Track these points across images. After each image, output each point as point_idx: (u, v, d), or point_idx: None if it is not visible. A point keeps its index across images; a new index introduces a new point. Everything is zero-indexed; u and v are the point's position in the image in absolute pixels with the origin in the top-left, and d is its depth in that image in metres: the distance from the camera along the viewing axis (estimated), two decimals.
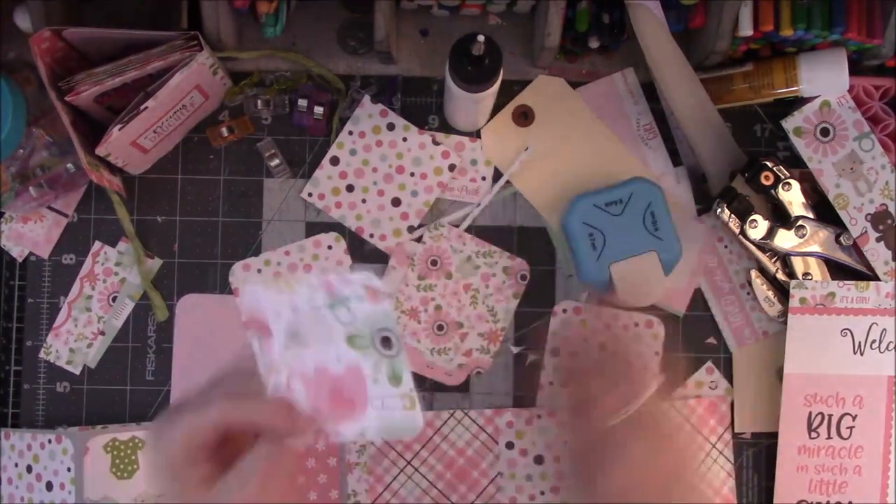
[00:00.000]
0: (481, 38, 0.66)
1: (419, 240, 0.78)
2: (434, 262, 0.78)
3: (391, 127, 0.79)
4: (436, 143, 0.79)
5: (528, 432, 0.78)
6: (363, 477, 0.77)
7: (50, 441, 0.74)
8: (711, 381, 0.79)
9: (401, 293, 0.78)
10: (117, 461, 0.74)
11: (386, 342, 0.52)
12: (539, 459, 0.78)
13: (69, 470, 0.73)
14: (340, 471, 0.77)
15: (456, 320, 0.78)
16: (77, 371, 0.78)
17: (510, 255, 0.79)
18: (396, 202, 0.79)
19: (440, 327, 0.78)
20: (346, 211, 0.79)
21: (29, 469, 0.75)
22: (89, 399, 0.78)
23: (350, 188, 0.79)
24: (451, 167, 0.79)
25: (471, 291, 0.78)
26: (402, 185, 0.79)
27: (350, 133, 0.79)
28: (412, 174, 0.79)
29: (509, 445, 0.78)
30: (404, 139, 0.79)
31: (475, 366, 0.78)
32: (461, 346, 0.78)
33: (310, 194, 0.79)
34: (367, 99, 0.79)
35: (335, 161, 0.79)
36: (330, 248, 0.79)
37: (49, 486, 0.74)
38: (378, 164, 0.79)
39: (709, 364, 0.79)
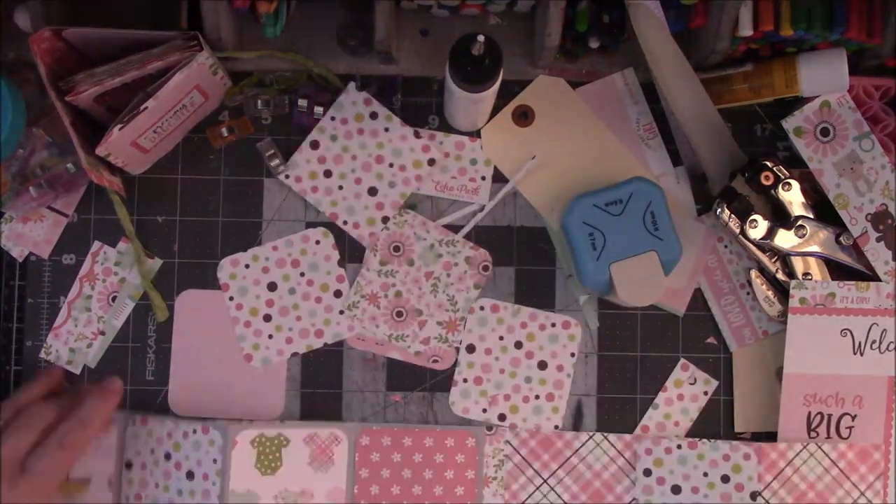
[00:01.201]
0: (481, 38, 0.66)
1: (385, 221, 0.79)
2: (397, 249, 0.78)
3: (374, 116, 0.79)
4: (417, 136, 0.79)
5: (666, 461, 0.77)
6: (499, 492, 0.77)
7: (195, 431, 0.75)
8: (690, 378, 0.79)
9: (362, 277, 0.78)
10: (262, 457, 0.75)
11: None
12: (676, 489, 0.77)
13: (215, 461, 0.74)
14: (478, 484, 0.77)
15: (416, 307, 0.78)
16: (77, 371, 0.78)
17: (473, 246, 0.79)
18: (373, 191, 0.79)
19: (399, 314, 0.78)
20: (321, 196, 0.79)
21: (167, 456, 0.75)
22: None
23: (328, 173, 0.79)
24: (431, 161, 0.79)
25: (432, 280, 0.78)
26: (380, 174, 0.79)
27: (332, 118, 0.79)
28: (391, 165, 0.79)
29: (647, 472, 0.77)
30: (386, 129, 0.79)
31: (432, 354, 0.78)
32: (419, 334, 0.78)
33: (287, 176, 0.79)
34: (351, 86, 0.79)
35: (315, 145, 0.79)
36: (318, 242, 0.79)
37: (190, 475, 0.75)
38: (357, 152, 0.79)
39: (683, 361, 0.79)
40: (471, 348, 0.79)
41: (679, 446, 0.77)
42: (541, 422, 0.78)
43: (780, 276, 0.77)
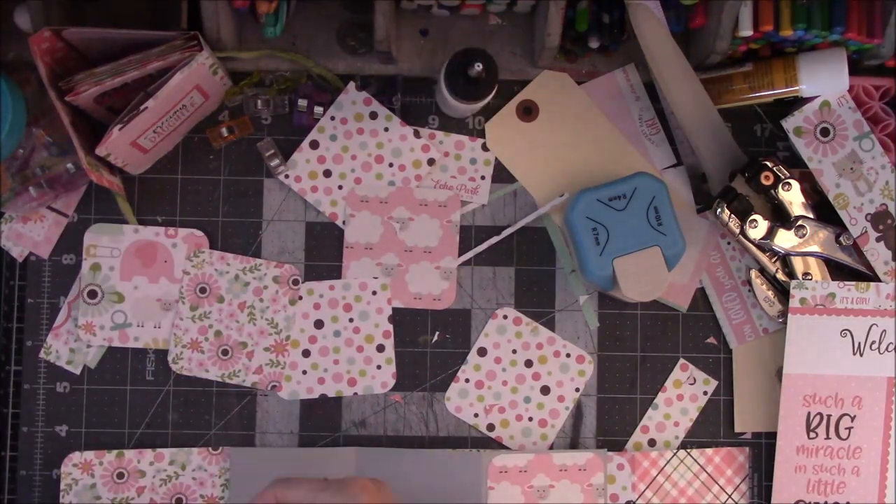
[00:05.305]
0: (479, 66, 0.66)
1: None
2: (203, 290, 0.77)
3: (374, 116, 0.79)
4: (417, 135, 0.79)
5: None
6: None
7: None
8: (689, 378, 0.79)
9: (177, 328, 0.77)
10: None
11: None
12: None
13: None
14: None
15: (238, 341, 0.77)
16: (77, 371, 0.78)
17: (276, 264, 0.78)
18: None
19: (224, 352, 0.77)
20: (321, 196, 0.79)
21: None
22: (89, 399, 0.78)
23: (328, 173, 0.79)
24: (431, 161, 0.79)
25: (247, 310, 0.77)
26: (380, 174, 0.79)
27: (332, 118, 0.79)
28: (391, 164, 0.79)
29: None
30: (386, 129, 0.79)
31: (270, 381, 0.77)
32: (250, 365, 0.77)
33: (287, 176, 0.79)
34: (351, 86, 0.79)
35: (315, 145, 0.79)
36: (374, 293, 0.78)
37: None
38: (357, 152, 0.79)
39: (682, 361, 0.79)
40: (482, 351, 0.79)
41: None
42: (527, 444, 0.78)
43: (780, 276, 0.77)
